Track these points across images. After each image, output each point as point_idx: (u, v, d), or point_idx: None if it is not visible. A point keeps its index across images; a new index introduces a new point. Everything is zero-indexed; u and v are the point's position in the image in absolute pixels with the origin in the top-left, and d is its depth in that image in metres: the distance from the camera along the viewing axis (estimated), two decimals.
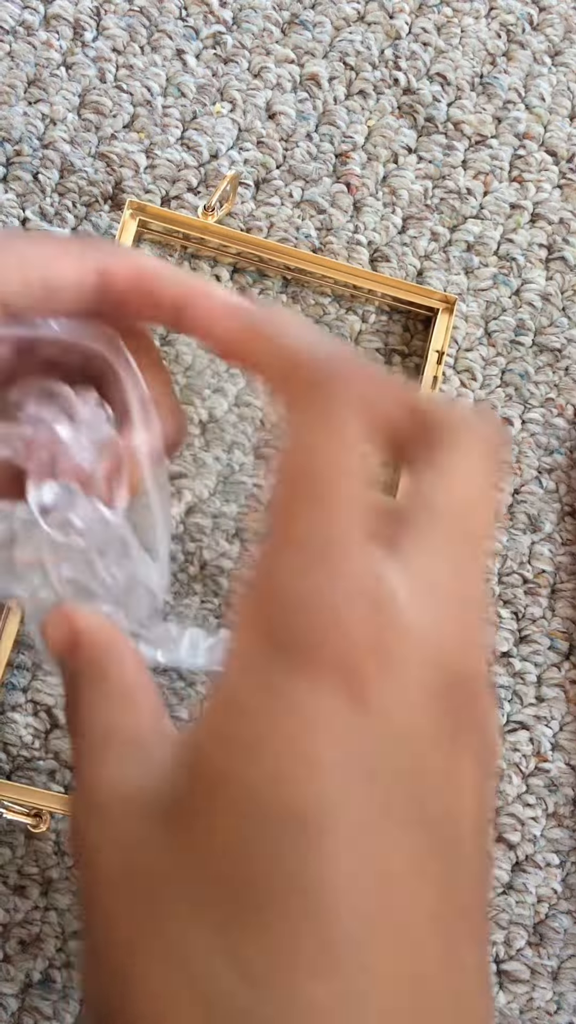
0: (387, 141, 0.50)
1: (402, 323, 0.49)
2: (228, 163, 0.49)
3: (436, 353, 0.46)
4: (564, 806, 0.46)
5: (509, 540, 0.48)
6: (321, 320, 0.48)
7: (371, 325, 0.48)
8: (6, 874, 0.43)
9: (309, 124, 0.50)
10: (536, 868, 0.45)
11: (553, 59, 0.52)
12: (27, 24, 0.49)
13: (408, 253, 0.49)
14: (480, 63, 0.51)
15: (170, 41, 0.50)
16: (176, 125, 0.49)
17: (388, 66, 0.51)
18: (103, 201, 0.48)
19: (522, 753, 0.46)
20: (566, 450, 0.49)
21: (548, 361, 0.49)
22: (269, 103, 0.50)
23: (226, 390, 0.47)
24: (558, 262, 0.50)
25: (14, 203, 0.48)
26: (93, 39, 0.50)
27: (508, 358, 0.49)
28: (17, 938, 0.43)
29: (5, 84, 0.48)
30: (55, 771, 0.44)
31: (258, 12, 0.50)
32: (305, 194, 0.49)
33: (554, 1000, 0.45)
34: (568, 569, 0.48)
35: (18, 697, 0.44)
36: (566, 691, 0.47)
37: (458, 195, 0.50)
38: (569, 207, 0.50)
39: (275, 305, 0.48)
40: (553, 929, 0.45)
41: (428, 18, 0.51)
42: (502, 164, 0.50)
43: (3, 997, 0.42)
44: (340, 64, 0.50)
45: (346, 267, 0.47)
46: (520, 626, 0.47)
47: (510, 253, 0.50)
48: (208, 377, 0.47)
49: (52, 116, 0.49)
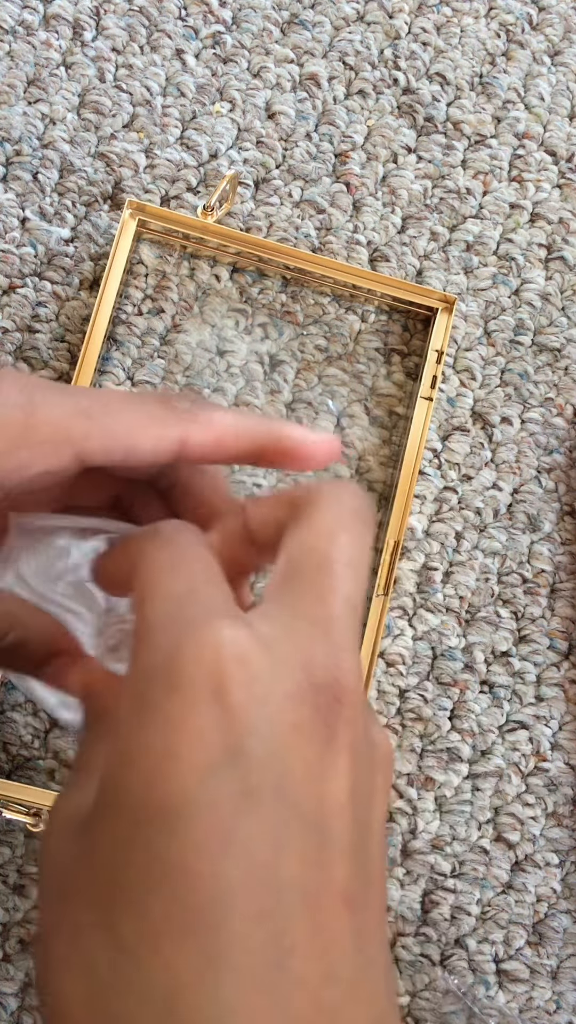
0: (387, 141, 0.50)
1: (402, 323, 0.49)
2: (228, 163, 0.49)
3: (435, 352, 0.46)
4: (563, 806, 0.46)
5: (508, 540, 0.48)
6: (321, 320, 0.48)
7: (371, 325, 0.48)
8: (6, 873, 0.43)
9: (308, 124, 0.50)
10: (535, 868, 0.45)
11: (552, 59, 0.52)
12: (27, 24, 0.49)
13: (407, 253, 0.49)
14: (479, 63, 0.51)
15: (169, 41, 0.50)
16: (176, 125, 0.49)
17: (388, 66, 0.51)
18: (103, 201, 0.48)
19: (521, 753, 0.46)
20: (565, 450, 0.49)
21: (547, 361, 0.49)
22: (269, 103, 0.50)
23: (226, 390, 0.47)
24: (557, 262, 0.50)
25: (14, 203, 0.48)
26: (93, 39, 0.50)
27: (508, 358, 0.49)
28: (17, 937, 0.43)
29: (5, 84, 0.49)
30: (55, 770, 0.44)
31: (258, 12, 0.50)
32: (305, 194, 0.49)
33: (553, 999, 0.45)
34: (567, 569, 0.48)
35: (18, 697, 0.44)
36: (565, 691, 0.47)
37: (457, 195, 0.50)
38: (568, 207, 0.50)
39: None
40: (552, 928, 0.45)
41: (428, 18, 0.51)
42: (501, 164, 0.50)
43: (3, 996, 0.42)
44: (340, 64, 0.50)
45: (346, 267, 0.47)
46: (519, 626, 0.47)
47: (509, 253, 0.50)
48: (208, 377, 0.47)
49: (52, 116, 0.49)
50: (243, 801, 0.19)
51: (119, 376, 0.47)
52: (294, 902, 0.19)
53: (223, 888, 0.18)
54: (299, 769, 0.20)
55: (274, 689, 0.20)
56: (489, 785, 0.46)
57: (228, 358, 0.47)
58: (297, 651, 0.21)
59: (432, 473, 0.48)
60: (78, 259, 0.48)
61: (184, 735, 0.19)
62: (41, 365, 0.47)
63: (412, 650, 0.46)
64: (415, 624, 0.46)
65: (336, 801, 0.20)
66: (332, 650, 0.22)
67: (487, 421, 0.48)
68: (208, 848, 0.18)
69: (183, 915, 0.18)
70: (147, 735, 0.20)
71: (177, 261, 0.48)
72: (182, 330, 0.48)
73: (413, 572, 0.47)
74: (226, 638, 0.20)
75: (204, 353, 0.47)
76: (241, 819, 0.19)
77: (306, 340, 0.48)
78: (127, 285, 0.47)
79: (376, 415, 0.48)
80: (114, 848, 0.19)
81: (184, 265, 0.48)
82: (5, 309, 0.47)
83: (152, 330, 0.47)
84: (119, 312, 0.47)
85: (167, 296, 0.48)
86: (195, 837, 0.18)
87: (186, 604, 0.21)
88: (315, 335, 0.48)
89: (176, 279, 0.48)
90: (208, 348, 0.48)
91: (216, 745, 0.19)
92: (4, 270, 0.47)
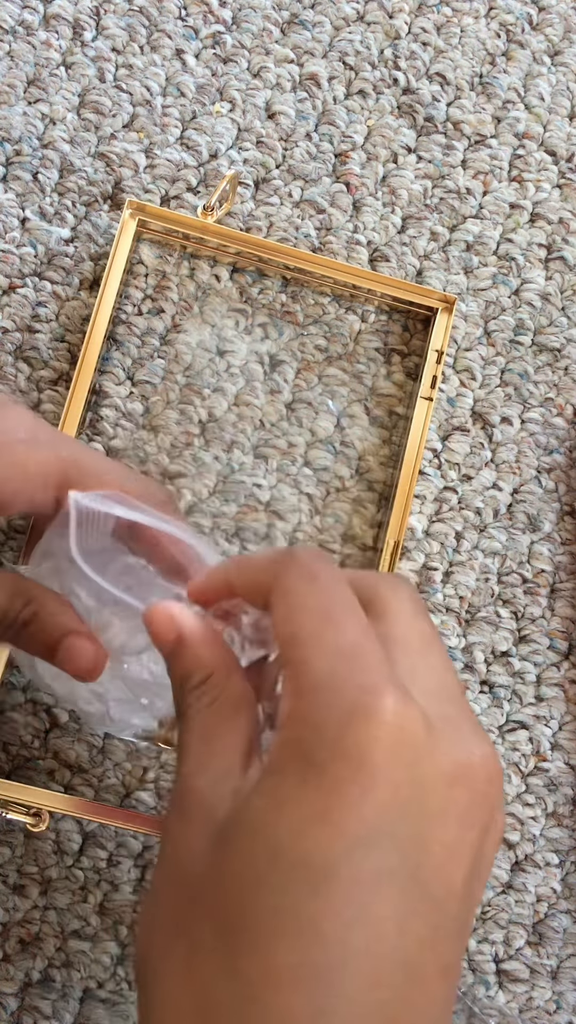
0: (386, 141, 0.50)
1: (402, 323, 0.49)
2: (227, 163, 0.49)
3: (435, 353, 0.46)
4: (563, 805, 0.46)
5: (508, 540, 0.48)
6: (321, 320, 0.48)
7: (371, 325, 0.48)
8: (6, 873, 0.43)
9: (308, 124, 0.50)
10: (535, 867, 0.45)
11: (552, 59, 0.52)
12: (27, 24, 0.49)
13: (407, 253, 0.49)
14: (479, 63, 0.51)
15: (169, 41, 0.50)
16: (176, 125, 0.49)
17: (387, 66, 0.51)
18: (103, 201, 0.48)
19: (521, 752, 0.46)
20: (565, 450, 0.49)
21: (547, 361, 0.49)
22: (269, 103, 0.50)
23: (226, 390, 0.47)
24: (557, 262, 0.50)
25: (14, 203, 0.48)
26: (92, 39, 0.50)
27: (507, 358, 0.49)
28: (17, 937, 0.43)
29: (5, 84, 0.49)
30: (54, 770, 0.44)
31: (258, 12, 0.50)
32: (304, 194, 0.49)
33: (553, 999, 0.45)
34: (567, 569, 0.48)
35: (18, 697, 0.44)
36: (565, 691, 0.47)
37: (457, 195, 0.50)
38: (568, 207, 0.50)
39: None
40: (552, 928, 0.45)
41: (428, 18, 0.51)
42: (501, 164, 0.50)
43: (3, 996, 0.42)
44: (339, 64, 0.50)
45: (346, 267, 0.47)
46: (519, 626, 0.47)
47: (509, 253, 0.50)
48: (208, 377, 0.47)
49: (52, 116, 0.49)
50: (382, 879, 0.20)
51: (119, 376, 0.47)
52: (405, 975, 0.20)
53: (347, 954, 0.20)
54: (439, 852, 0.21)
55: (432, 771, 0.21)
56: None
57: (228, 358, 0.47)
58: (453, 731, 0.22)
59: (432, 473, 0.48)
60: (78, 259, 0.48)
61: (343, 803, 0.20)
62: (41, 365, 0.47)
63: None
64: None
65: (460, 882, 0.21)
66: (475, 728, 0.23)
67: (487, 421, 0.48)
68: (342, 916, 0.20)
69: (306, 967, 0.20)
70: (307, 792, 0.21)
71: (177, 261, 0.48)
72: (182, 330, 0.48)
73: (413, 572, 0.47)
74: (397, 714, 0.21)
75: (204, 353, 0.47)
76: (376, 896, 0.20)
77: (306, 340, 0.48)
78: (127, 285, 0.47)
79: (376, 415, 0.48)
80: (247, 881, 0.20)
81: (184, 265, 0.48)
82: (5, 309, 0.47)
83: (152, 330, 0.47)
84: (119, 312, 0.47)
85: (167, 296, 0.48)
86: (332, 903, 0.20)
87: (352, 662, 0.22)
88: (315, 335, 0.48)
89: (176, 279, 0.48)
90: (208, 348, 0.48)
91: (369, 821, 0.20)
92: (4, 270, 0.47)
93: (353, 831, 0.20)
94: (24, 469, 0.30)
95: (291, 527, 0.47)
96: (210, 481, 0.47)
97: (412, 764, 0.21)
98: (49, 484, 0.30)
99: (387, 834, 0.20)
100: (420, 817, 0.21)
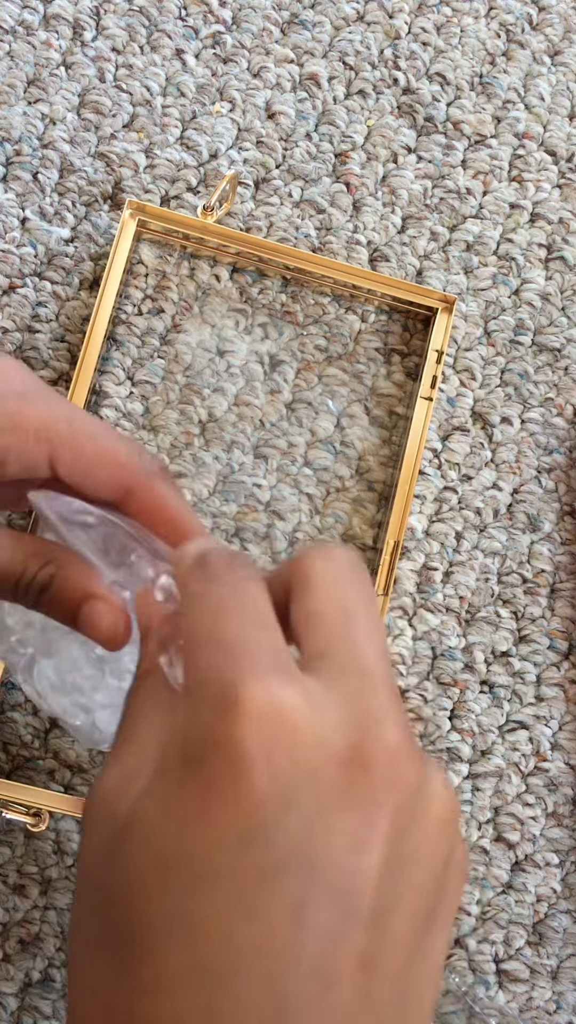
0: (386, 141, 0.50)
1: (401, 323, 0.49)
2: (227, 163, 0.49)
3: (435, 353, 0.46)
4: (563, 805, 0.46)
5: (508, 540, 0.48)
6: (321, 320, 0.48)
7: (370, 325, 0.48)
8: (6, 873, 0.43)
9: (308, 124, 0.50)
10: (535, 867, 0.45)
11: (552, 59, 0.52)
12: (27, 24, 0.49)
13: (407, 253, 0.49)
14: (479, 63, 0.51)
15: (169, 41, 0.50)
16: (176, 125, 0.49)
17: (387, 66, 0.51)
18: (103, 201, 0.48)
19: (521, 753, 0.46)
20: (565, 450, 0.49)
21: (547, 361, 0.49)
22: (269, 103, 0.50)
23: (225, 390, 0.47)
24: (557, 262, 0.50)
25: (14, 203, 0.48)
26: (92, 39, 0.50)
27: (507, 358, 0.49)
28: (17, 937, 0.43)
29: (5, 84, 0.49)
30: (54, 770, 0.44)
31: (258, 12, 0.50)
32: (304, 194, 0.49)
33: (553, 999, 0.45)
34: (567, 569, 0.48)
35: (18, 697, 0.44)
36: (565, 691, 0.47)
37: (457, 195, 0.50)
38: (568, 207, 0.50)
39: None
40: (552, 928, 0.45)
41: (428, 18, 0.51)
42: (501, 164, 0.50)
43: (3, 996, 0.42)
44: (340, 64, 0.50)
45: (345, 267, 0.47)
46: (519, 626, 0.47)
47: (509, 253, 0.50)
48: (208, 377, 0.47)
49: (52, 116, 0.49)
50: (267, 874, 0.19)
51: (119, 376, 0.47)
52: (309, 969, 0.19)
53: (236, 953, 0.19)
54: (336, 841, 0.20)
55: (320, 754, 0.20)
56: (489, 785, 0.46)
57: (228, 358, 0.47)
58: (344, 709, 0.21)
59: (432, 473, 0.48)
60: (78, 259, 0.48)
61: (219, 799, 0.20)
62: (41, 365, 0.47)
63: (412, 650, 0.46)
64: (415, 624, 0.46)
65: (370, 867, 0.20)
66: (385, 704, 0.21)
67: (487, 421, 0.48)
68: (228, 916, 0.19)
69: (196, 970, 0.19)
70: (186, 791, 0.20)
71: (177, 261, 0.48)
72: (182, 330, 0.48)
73: (413, 572, 0.47)
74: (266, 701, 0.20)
75: (204, 353, 0.47)
76: (263, 891, 0.19)
77: (306, 340, 0.48)
78: (127, 285, 0.47)
79: (376, 415, 0.48)
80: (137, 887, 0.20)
81: (184, 265, 0.48)
82: (5, 309, 0.47)
83: (152, 330, 0.47)
84: (119, 312, 0.47)
85: (167, 296, 0.48)
86: (217, 903, 0.19)
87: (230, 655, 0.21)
88: (315, 335, 0.48)
89: (176, 279, 0.48)
90: (208, 348, 0.48)
91: (248, 815, 0.20)
92: (4, 270, 0.47)
93: (232, 827, 0.19)
94: (17, 420, 0.29)
95: (291, 527, 0.47)
96: (210, 481, 0.47)
97: (293, 749, 0.20)
98: (41, 438, 0.29)
99: (272, 825, 0.20)
100: (312, 804, 0.20)
